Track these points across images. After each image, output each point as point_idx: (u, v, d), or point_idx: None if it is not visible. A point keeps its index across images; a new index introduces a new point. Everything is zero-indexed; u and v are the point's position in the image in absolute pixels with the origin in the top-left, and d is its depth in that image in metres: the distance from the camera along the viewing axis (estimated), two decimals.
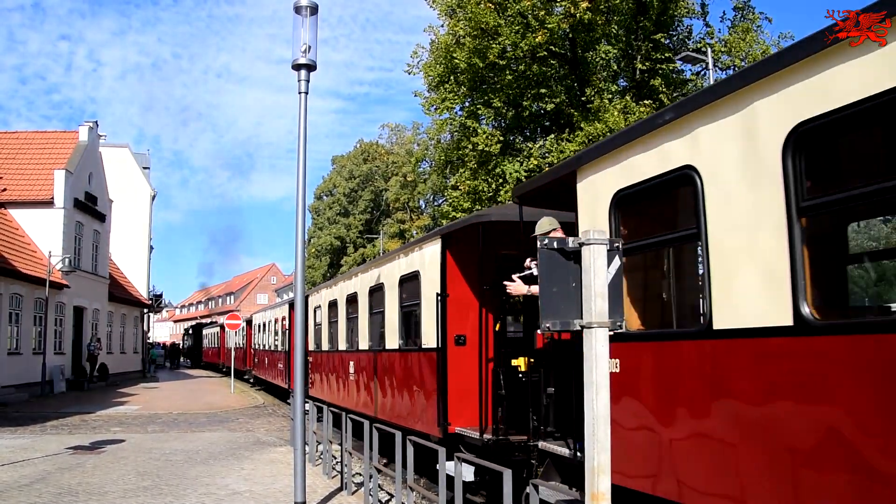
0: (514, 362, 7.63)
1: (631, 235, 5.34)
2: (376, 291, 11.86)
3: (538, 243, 5.05)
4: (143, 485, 9.82)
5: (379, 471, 8.87)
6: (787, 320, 3.70)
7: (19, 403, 22.18)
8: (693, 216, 4.63)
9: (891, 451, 3.13)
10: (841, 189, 3.90)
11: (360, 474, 9.74)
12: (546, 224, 6.60)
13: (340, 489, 9.46)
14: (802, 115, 3.65)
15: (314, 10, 7.53)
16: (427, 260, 9.58)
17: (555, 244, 5.02)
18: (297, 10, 7.50)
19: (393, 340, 10.92)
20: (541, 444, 6.38)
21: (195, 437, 15.13)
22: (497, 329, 8.58)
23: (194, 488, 9.58)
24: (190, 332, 69.71)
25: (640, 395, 5.08)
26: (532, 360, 7.25)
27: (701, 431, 4.43)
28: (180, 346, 69.57)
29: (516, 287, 6.47)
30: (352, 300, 13.50)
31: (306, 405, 9.12)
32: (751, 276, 4.01)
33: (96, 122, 33.88)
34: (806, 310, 3.63)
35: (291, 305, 21.92)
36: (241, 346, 31.92)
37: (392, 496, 8.75)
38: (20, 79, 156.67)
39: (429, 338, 9.37)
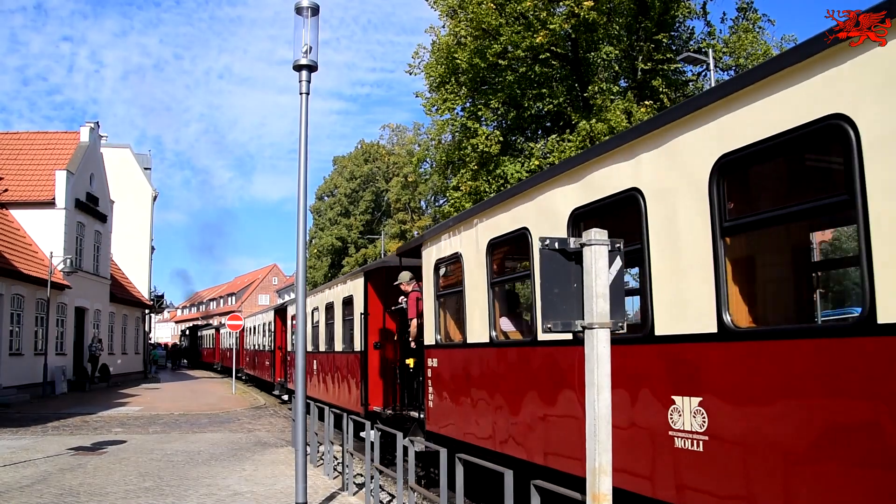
0: (407, 361, 10.85)
1: (443, 288, 9.02)
2: (329, 308, 16.26)
3: (539, 243, 5.06)
4: (144, 485, 9.82)
5: (380, 471, 8.87)
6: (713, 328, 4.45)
7: (21, 404, 22.20)
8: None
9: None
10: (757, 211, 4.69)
11: (362, 475, 9.73)
12: (405, 277, 10.64)
13: (342, 490, 9.46)
14: (724, 148, 4.35)
15: (315, 10, 7.54)
16: (357, 288, 13.54)
17: (556, 245, 5.03)
18: (299, 10, 7.51)
19: (338, 344, 15.27)
20: (412, 413, 10.43)
21: (197, 438, 15.13)
22: (396, 338, 12.28)
23: (196, 489, 9.59)
24: (187, 333, 71.48)
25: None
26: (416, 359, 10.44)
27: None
28: (181, 347, 69.77)
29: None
30: (315, 311, 17.63)
31: (284, 397, 13.77)
32: (696, 284, 4.65)
33: (97, 122, 33.94)
34: (728, 318, 4.35)
35: (276, 311, 27.17)
36: (235, 346, 32.75)
37: (393, 497, 8.76)
38: (22, 80, 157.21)
39: (357, 343, 13.29)
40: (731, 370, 4.31)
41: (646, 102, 21.08)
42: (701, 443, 4.46)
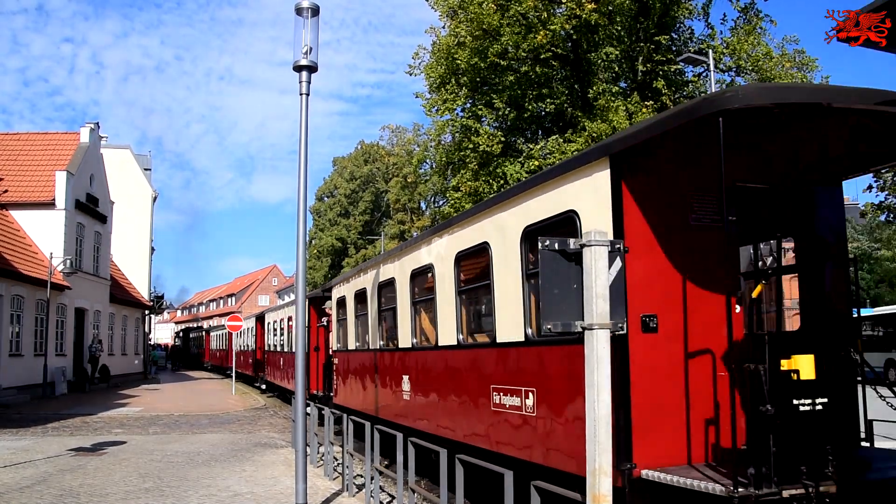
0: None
1: (338, 315, 15.18)
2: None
3: (539, 244, 5.06)
4: (144, 486, 9.82)
5: (381, 472, 8.86)
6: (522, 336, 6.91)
7: (21, 405, 22.19)
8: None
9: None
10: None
11: (362, 476, 9.73)
12: (328, 305, 14.99)
13: (342, 491, 9.46)
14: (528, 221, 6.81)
15: (315, 11, 7.55)
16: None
17: (556, 245, 5.02)
18: (299, 11, 7.52)
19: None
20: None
21: (197, 439, 15.13)
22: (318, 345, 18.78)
23: (196, 490, 9.59)
24: (180, 334, 73.93)
25: None
26: None
27: None
28: (180, 348, 69.99)
29: None
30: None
31: (263, 386, 15.80)
32: (510, 311, 7.12)
33: (97, 123, 33.90)
34: (529, 331, 6.78)
35: (257, 318, 31.72)
36: (224, 348, 34.25)
37: (393, 498, 8.75)
38: (23, 81, 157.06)
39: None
40: (535, 364, 6.70)
41: (646, 103, 21.08)
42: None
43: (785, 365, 4.69)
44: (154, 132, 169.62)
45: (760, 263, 6.65)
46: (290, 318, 22.99)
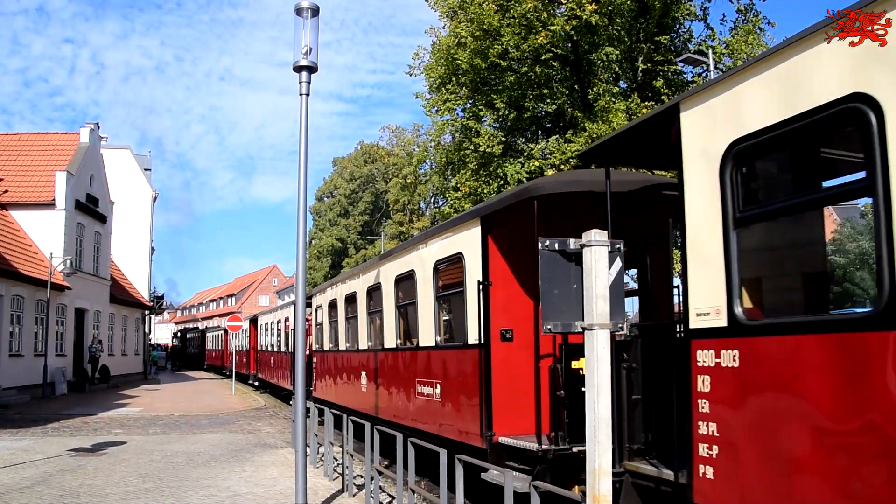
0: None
1: (318, 319, 18.09)
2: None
3: (539, 245, 5.06)
4: (144, 487, 9.82)
5: (380, 472, 8.87)
6: (433, 342, 9.81)
7: (21, 405, 22.19)
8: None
9: None
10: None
11: (362, 476, 9.74)
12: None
13: (342, 491, 9.46)
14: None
15: (315, 11, 7.55)
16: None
17: (556, 246, 5.02)
18: (299, 11, 7.52)
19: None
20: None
21: (197, 439, 15.13)
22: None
23: (196, 490, 9.59)
24: (178, 335, 75.65)
25: None
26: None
27: None
28: (180, 348, 70.08)
29: None
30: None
31: (255, 383, 15.57)
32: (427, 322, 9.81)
33: (97, 123, 33.93)
34: (438, 338, 9.59)
35: (251, 321, 33.62)
36: (220, 348, 35.10)
37: (393, 498, 8.76)
38: (24, 82, 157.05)
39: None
40: (434, 363, 9.40)
41: (647, 104, 21.08)
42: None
43: (575, 364, 6.52)
44: (154, 133, 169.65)
45: None
46: (279, 321, 26.11)
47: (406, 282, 10.44)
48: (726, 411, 4.29)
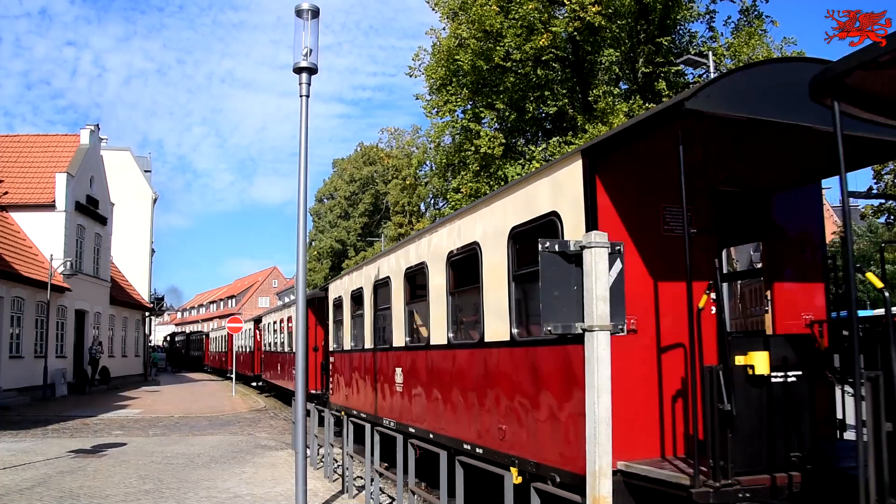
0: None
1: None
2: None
3: (539, 246, 5.04)
4: (144, 488, 9.81)
5: (381, 474, 8.85)
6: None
7: (21, 407, 22.18)
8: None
9: None
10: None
11: (362, 478, 9.72)
12: None
13: (342, 492, 9.44)
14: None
15: (315, 13, 7.55)
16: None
17: (556, 247, 5.01)
18: (299, 13, 7.52)
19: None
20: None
21: (197, 441, 15.11)
22: None
23: (196, 492, 9.58)
24: (168, 339, 78.31)
25: None
26: None
27: None
28: (181, 350, 70.03)
29: None
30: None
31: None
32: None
33: (98, 125, 33.91)
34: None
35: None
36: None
37: (394, 499, 8.74)
38: (26, 84, 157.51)
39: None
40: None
41: (648, 106, 21.08)
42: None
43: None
44: (156, 134, 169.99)
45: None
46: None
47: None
48: None
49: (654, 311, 5.69)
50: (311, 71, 7.63)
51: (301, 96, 7.61)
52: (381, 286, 11.31)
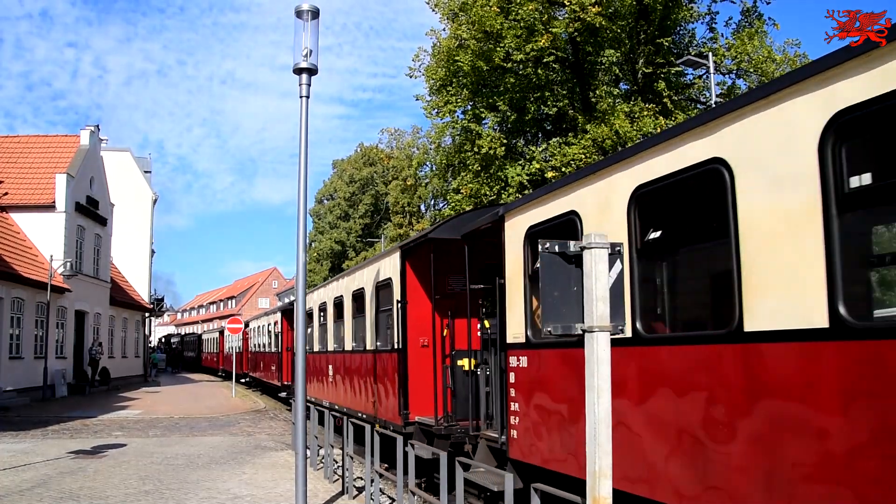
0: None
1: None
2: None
3: (540, 247, 5.04)
4: (144, 489, 9.81)
5: (381, 475, 8.85)
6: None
7: (21, 408, 22.17)
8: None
9: None
10: None
11: (362, 478, 9.72)
12: None
13: (342, 493, 9.45)
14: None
15: (315, 14, 7.56)
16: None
17: (556, 248, 5.01)
18: (299, 14, 7.52)
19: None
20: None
21: (197, 442, 15.12)
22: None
23: (196, 492, 9.58)
24: (163, 340, 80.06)
25: None
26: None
27: None
28: (180, 351, 70.06)
29: None
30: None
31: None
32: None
33: (98, 126, 33.90)
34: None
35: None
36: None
37: (394, 500, 8.74)
38: (27, 85, 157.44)
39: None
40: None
41: (648, 106, 21.09)
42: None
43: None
44: (156, 135, 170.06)
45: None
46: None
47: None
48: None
49: (432, 335, 9.92)
50: (311, 72, 7.64)
51: (301, 97, 7.62)
52: (322, 308, 16.31)
